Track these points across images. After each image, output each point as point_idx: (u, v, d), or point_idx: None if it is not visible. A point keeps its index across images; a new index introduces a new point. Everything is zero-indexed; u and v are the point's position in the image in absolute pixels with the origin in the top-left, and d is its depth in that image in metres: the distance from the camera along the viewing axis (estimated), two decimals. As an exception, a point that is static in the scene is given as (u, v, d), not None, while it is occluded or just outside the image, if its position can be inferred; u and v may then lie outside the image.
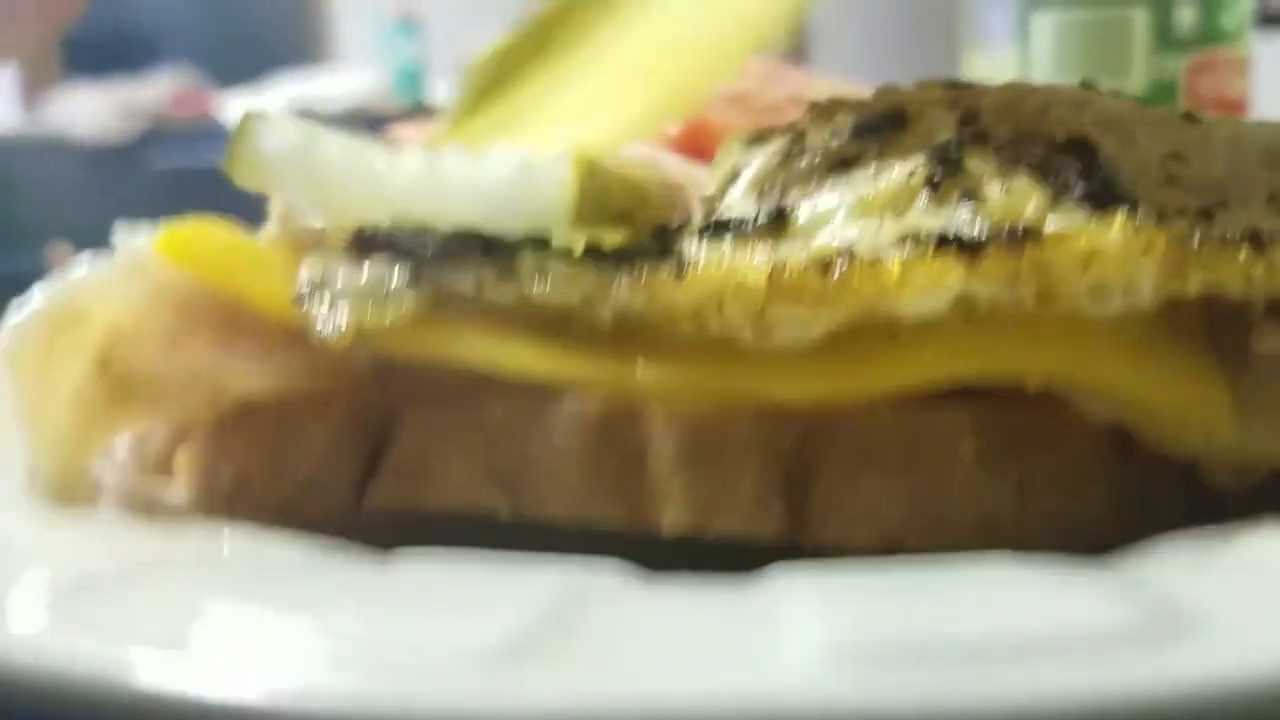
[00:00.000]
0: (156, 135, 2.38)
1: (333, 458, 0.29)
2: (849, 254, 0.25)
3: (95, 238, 0.31)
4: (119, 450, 0.34)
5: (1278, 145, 0.29)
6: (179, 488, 0.32)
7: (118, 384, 0.30)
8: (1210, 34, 0.65)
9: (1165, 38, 0.65)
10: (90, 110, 2.36)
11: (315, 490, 0.29)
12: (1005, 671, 0.15)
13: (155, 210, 0.34)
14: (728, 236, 0.28)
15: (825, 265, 0.24)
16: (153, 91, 2.45)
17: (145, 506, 0.31)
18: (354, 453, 0.29)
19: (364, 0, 3.75)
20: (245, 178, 0.31)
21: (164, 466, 0.34)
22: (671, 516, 0.25)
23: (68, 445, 0.30)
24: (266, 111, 0.32)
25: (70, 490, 0.30)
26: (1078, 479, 0.25)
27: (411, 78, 2.42)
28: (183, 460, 0.32)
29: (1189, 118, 0.29)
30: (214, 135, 2.49)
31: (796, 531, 0.25)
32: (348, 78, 2.46)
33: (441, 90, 2.29)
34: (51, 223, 2.17)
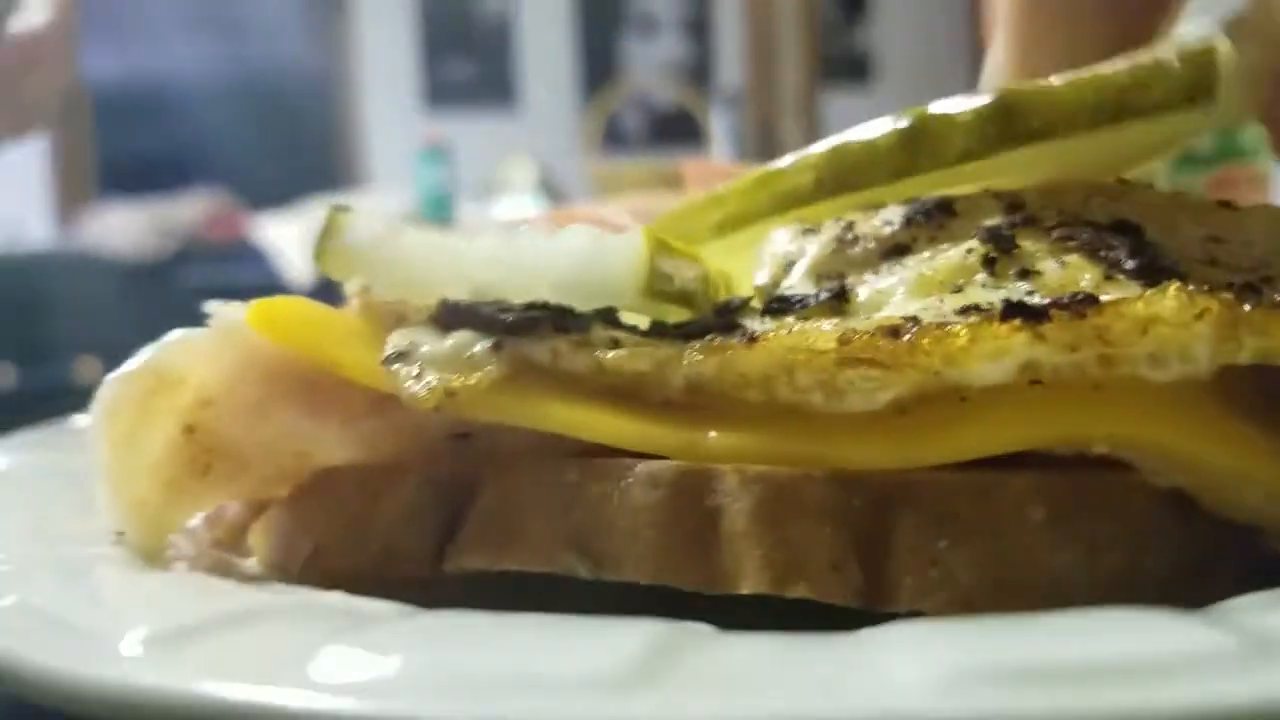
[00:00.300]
0: (188, 255, 2.45)
1: (412, 523, 0.30)
2: (916, 321, 0.26)
3: (125, 353, 0.32)
4: (193, 522, 0.35)
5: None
6: (254, 560, 0.33)
7: (201, 451, 0.31)
8: (1229, 151, 0.68)
9: (1185, 155, 0.68)
10: (124, 228, 2.43)
11: (394, 556, 0.30)
12: (1118, 690, 0.16)
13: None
14: (791, 313, 0.30)
15: (894, 330, 0.26)
16: (186, 212, 2.53)
17: (222, 575, 0.32)
18: (433, 518, 0.30)
19: (396, 130, 3.93)
20: (334, 269, 0.33)
21: (238, 540, 0.34)
22: (748, 577, 0.26)
23: (149, 514, 0.31)
24: (348, 207, 0.34)
25: (153, 557, 0.31)
26: (1144, 540, 0.25)
27: (440, 201, 2.51)
28: (258, 532, 0.33)
29: (1224, 205, 0.31)
30: (244, 256, 2.56)
31: (873, 594, 0.25)
32: (376, 201, 2.55)
33: (468, 212, 2.37)
34: (81, 337, 2.22)
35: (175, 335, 0.31)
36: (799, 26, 3.14)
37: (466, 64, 4.34)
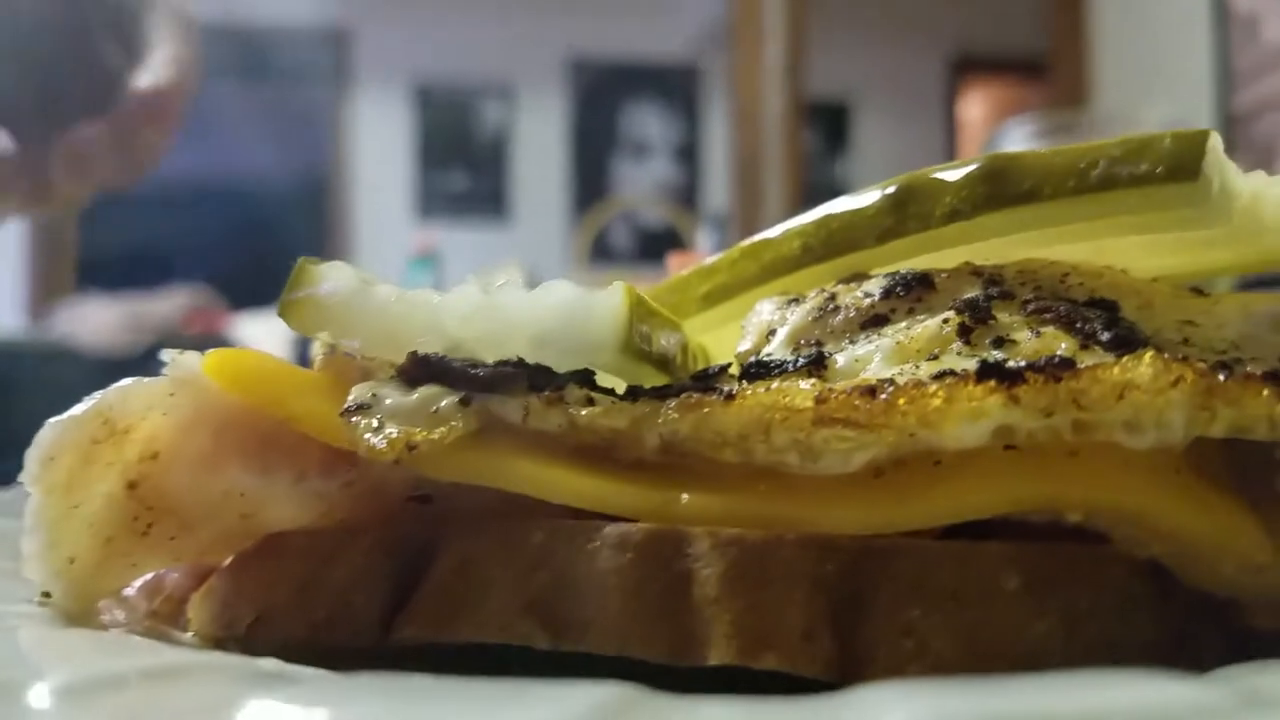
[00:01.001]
0: (161, 348, 2.42)
1: (362, 589, 0.28)
2: (892, 382, 0.25)
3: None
4: (129, 591, 0.33)
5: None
6: (192, 628, 0.31)
7: (142, 509, 0.30)
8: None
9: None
10: (98, 321, 2.40)
11: (341, 622, 0.28)
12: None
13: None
14: (769, 377, 0.29)
15: (871, 390, 0.25)
16: (164, 308, 2.52)
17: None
18: (384, 584, 0.28)
19: (388, 236, 3.98)
20: (301, 322, 0.32)
21: (176, 612, 0.32)
22: (717, 646, 0.24)
23: (80, 575, 0.29)
24: (319, 260, 0.33)
25: (80, 622, 0.29)
26: (1122, 612, 0.25)
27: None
28: (197, 603, 0.31)
29: (1197, 290, 0.31)
30: (220, 351, 2.53)
31: (845, 665, 0.24)
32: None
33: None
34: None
35: (127, 382, 0.30)
36: (783, 156, 3.24)
37: (462, 176, 4.44)
